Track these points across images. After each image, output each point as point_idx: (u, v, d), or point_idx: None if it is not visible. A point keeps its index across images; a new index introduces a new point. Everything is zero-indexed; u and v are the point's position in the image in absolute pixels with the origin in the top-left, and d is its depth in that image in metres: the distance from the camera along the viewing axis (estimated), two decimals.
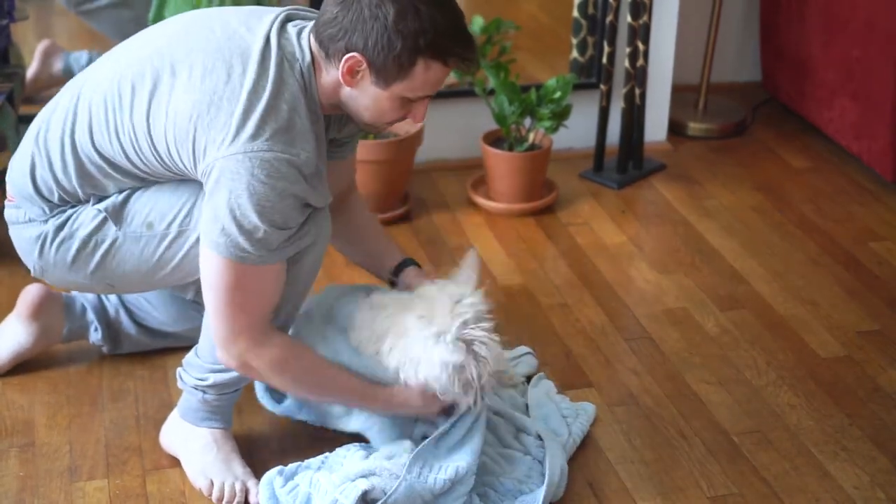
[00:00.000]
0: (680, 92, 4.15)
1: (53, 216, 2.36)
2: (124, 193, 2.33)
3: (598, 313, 3.06)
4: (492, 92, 3.51)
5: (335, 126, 2.42)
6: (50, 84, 3.62)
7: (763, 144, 4.04)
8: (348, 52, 2.15)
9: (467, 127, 3.75)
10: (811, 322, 3.02)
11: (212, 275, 2.19)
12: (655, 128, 3.99)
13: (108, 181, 2.31)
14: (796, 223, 3.53)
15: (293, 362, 2.30)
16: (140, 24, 3.56)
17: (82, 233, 2.34)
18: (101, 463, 2.49)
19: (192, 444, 2.45)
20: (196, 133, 2.15)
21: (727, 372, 2.82)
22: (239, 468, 2.43)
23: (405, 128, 3.48)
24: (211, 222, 2.15)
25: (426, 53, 2.14)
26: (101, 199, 2.34)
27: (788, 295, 3.15)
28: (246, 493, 2.39)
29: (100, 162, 2.29)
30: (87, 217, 2.34)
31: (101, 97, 2.26)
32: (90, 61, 3.60)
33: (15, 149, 3.00)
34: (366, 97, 2.21)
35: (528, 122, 3.53)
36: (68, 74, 3.63)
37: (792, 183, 3.78)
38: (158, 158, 2.24)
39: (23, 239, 2.41)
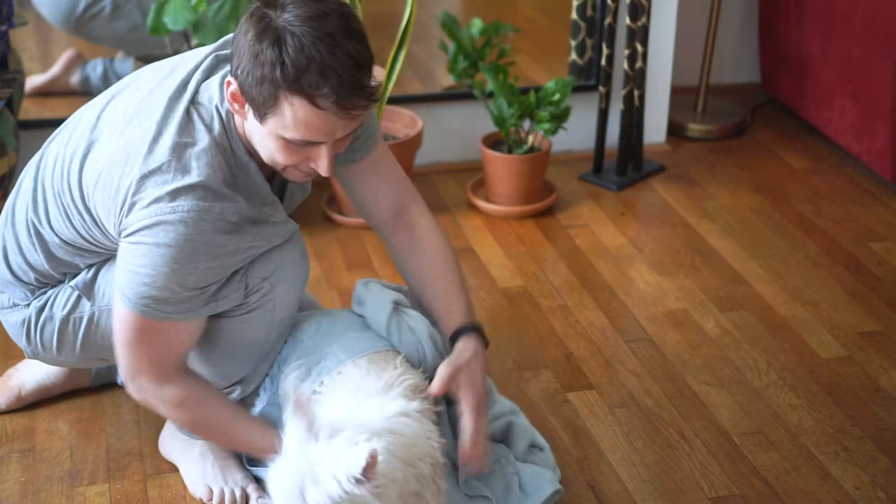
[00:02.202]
0: (679, 93, 4.15)
1: (35, 298, 2.33)
2: (94, 268, 2.28)
3: (599, 315, 3.05)
4: (491, 94, 3.50)
5: None
6: (65, 91, 3.65)
7: (762, 145, 4.04)
8: (229, 76, 2.03)
9: (466, 129, 3.75)
10: (812, 323, 3.02)
11: (118, 320, 2.12)
12: (655, 129, 3.99)
13: (77, 259, 2.27)
14: (796, 224, 3.53)
15: (191, 408, 2.22)
16: (138, 32, 3.57)
17: (60, 314, 2.31)
18: (102, 468, 2.49)
19: (190, 451, 2.44)
20: (110, 203, 2.08)
21: (728, 373, 2.82)
22: (237, 474, 2.42)
23: (404, 130, 3.49)
24: (120, 273, 2.08)
25: (285, 87, 1.93)
26: (75, 276, 2.30)
27: (789, 296, 3.14)
28: (246, 498, 2.39)
29: (61, 243, 2.25)
30: (63, 297, 2.30)
31: (50, 181, 2.22)
32: (105, 70, 3.62)
33: (14, 154, 3.02)
34: (255, 132, 2.05)
35: (527, 124, 3.53)
36: (85, 85, 3.66)
37: (792, 184, 3.78)
38: (103, 232, 2.17)
39: (10, 325, 2.39)
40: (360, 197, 2.39)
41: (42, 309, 2.32)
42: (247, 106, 2.02)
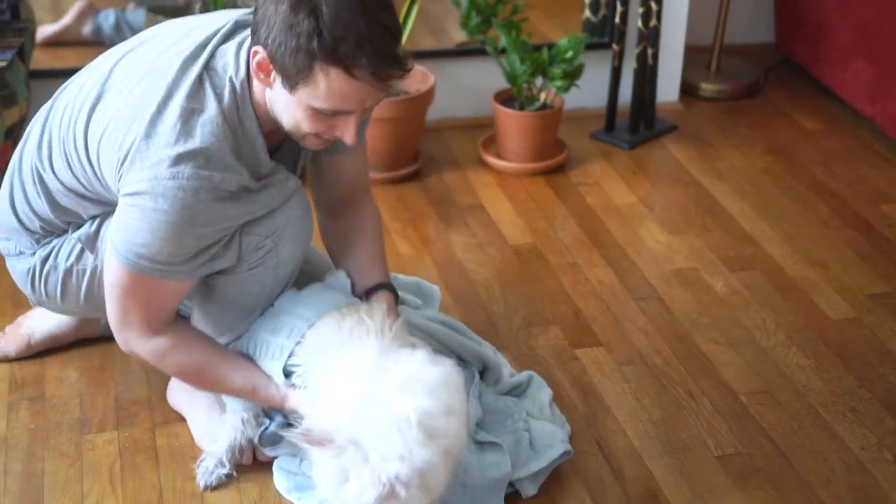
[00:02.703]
0: (693, 53, 4.13)
1: (40, 247, 2.33)
2: (97, 221, 2.28)
3: (608, 273, 3.05)
4: (503, 51, 3.49)
5: None
6: (77, 41, 3.64)
7: (776, 106, 4.02)
8: (255, 46, 2.01)
9: (479, 86, 3.73)
10: (821, 284, 3.02)
11: (110, 274, 2.13)
12: (668, 88, 3.98)
13: (78, 208, 2.26)
14: (808, 185, 3.52)
15: (176, 357, 2.21)
16: None
17: (64, 264, 2.31)
18: (111, 416, 2.50)
19: (198, 403, 2.46)
20: (113, 157, 2.07)
21: (736, 332, 2.82)
22: (249, 426, 2.42)
23: (416, 86, 3.48)
24: (115, 233, 2.08)
25: (321, 58, 1.93)
26: (79, 227, 2.30)
27: (799, 257, 3.14)
28: (253, 449, 2.40)
29: (63, 190, 2.24)
30: (67, 247, 2.31)
31: (57, 129, 2.22)
32: (117, 21, 3.61)
33: (25, 103, 3.01)
34: (280, 101, 2.05)
35: (539, 81, 3.52)
36: (96, 35, 3.65)
37: (804, 145, 3.77)
38: (103, 185, 2.17)
39: (16, 272, 2.39)
40: (324, 177, 2.41)
41: (46, 259, 2.33)
42: (273, 75, 2.01)
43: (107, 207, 2.25)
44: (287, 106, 2.04)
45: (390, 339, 2.16)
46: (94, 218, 2.29)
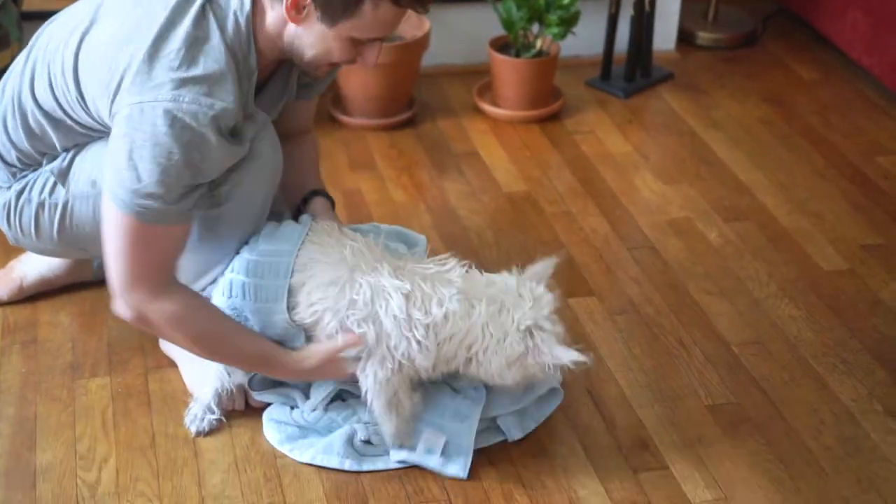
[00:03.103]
0: (690, 1, 4.10)
1: (16, 181, 2.32)
2: (70, 154, 2.27)
3: (602, 222, 3.05)
4: None
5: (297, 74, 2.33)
6: None
7: (772, 55, 4.00)
8: None
9: (474, 32, 3.71)
10: (815, 235, 3.02)
11: (111, 227, 2.09)
12: (664, 37, 3.95)
13: (53, 137, 2.25)
14: (803, 135, 3.51)
15: (190, 321, 2.17)
16: None
17: (37, 198, 2.30)
18: (103, 361, 2.51)
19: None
20: (105, 76, 2.06)
21: (729, 283, 2.82)
22: (236, 372, 2.43)
23: (411, 31, 3.45)
24: (111, 173, 2.06)
25: None
26: (53, 160, 2.29)
27: (793, 207, 3.14)
28: (245, 394, 2.41)
29: (41, 118, 2.22)
30: (41, 181, 2.29)
31: (42, 54, 2.21)
32: None
33: (18, 45, 2.99)
34: (311, 35, 2.09)
35: (535, 28, 3.49)
36: None
37: (800, 95, 3.75)
38: (86, 110, 2.16)
39: None
40: (278, 118, 2.42)
41: (21, 192, 2.32)
42: (308, 12, 2.06)
43: (81, 139, 2.25)
44: (319, 39, 2.09)
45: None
46: (66, 151, 2.28)
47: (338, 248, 2.22)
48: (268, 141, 2.24)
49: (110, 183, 2.06)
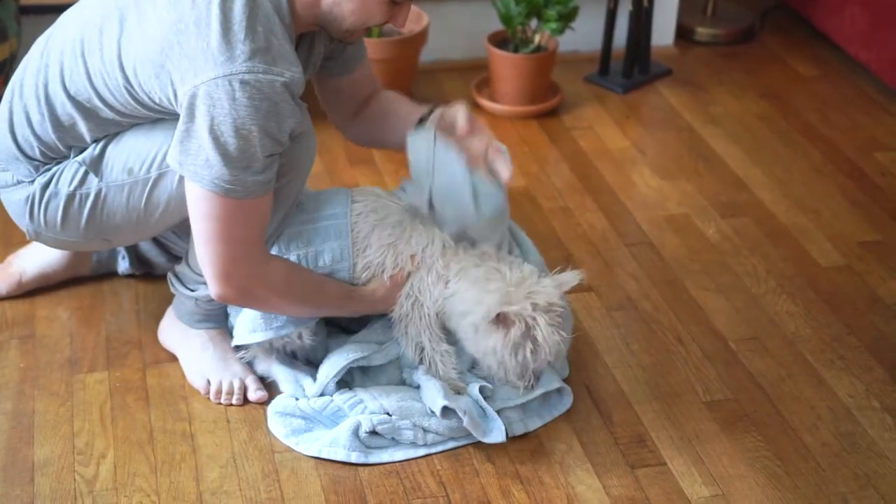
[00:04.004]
0: None
1: (40, 174, 2.30)
2: (101, 144, 2.27)
3: (600, 218, 3.05)
4: None
5: (320, 42, 2.35)
6: None
7: (771, 51, 4.00)
8: None
9: (473, 27, 3.71)
10: (812, 231, 3.02)
11: (200, 208, 2.11)
12: (663, 32, 3.95)
13: (83, 128, 2.24)
14: (801, 132, 3.51)
15: (295, 283, 2.26)
16: None
17: (66, 189, 2.29)
18: (101, 356, 2.51)
19: (189, 343, 2.46)
20: (168, 63, 2.06)
21: (726, 279, 2.83)
22: (237, 365, 2.44)
23: (410, 26, 3.45)
24: (193, 154, 2.07)
25: None
26: (81, 151, 2.28)
27: (791, 203, 3.14)
28: (244, 389, 2.41)
29: (72, 109, 2.22)
30: (69, 172, 2.28)
31: (71, 46, 2.20)
32: None
33: (16, 39, 2.99)
34: (351, 1, 2.15)
35: (534, 23, 3.49)
36: None
37: (798, 91, 3.75)
38: (134, 95, 2.16)
39: (13, 203, 2.36)
40: (344, 95, 2.50)
41: (47, 185, 2.30)
42: None
43: (113, 128, 2.25)
44: (363, 2, 2.14)
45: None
46: (97, 141, 2.27)
47: (382, 202, 2.38)
48: (308, 115, 2.26)
49: (191, 164, 2.07)
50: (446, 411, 2.27)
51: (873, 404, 2.45)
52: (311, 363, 2.44)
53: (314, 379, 2.37)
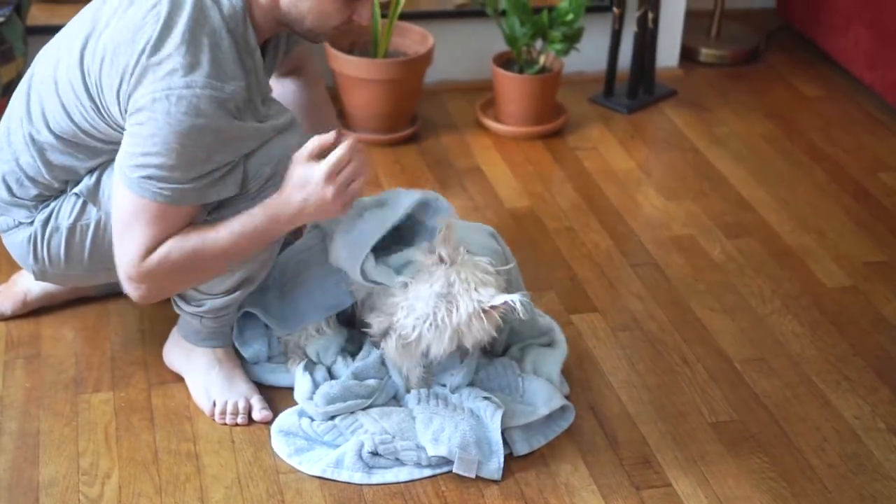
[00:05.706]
0: (693, 17, 4.10)
1: (38, 213, 2.33)
2: (95, 174, 2.29)
3: (604, 238, 3.05)
4: (503, 13, 3.47)
5: (284, 43, 2.39)
6: None
7: (775, 72, 4.01)
8: None
9: (478, 48, 3.72)
10: (817, 251, 3.02)
11: (123, 210, 2.14)
12: (667, 53, 3.96)
13: (73, 161, 2.27)
14: (806, 152, 3.51)
15: (177, 248, 2.17)
16: None
17: (67, 222, 2.31)
18: (106, 376, 2.51)
19: (195, 362, 2.46)
20: (116, 79, 2.10)
21: (732, 299, 2.83)
22: (242, 385, 2.44)
23: (414, 48, 3.46)
24: (127, 156, 2.10)
25: None
26: (77, 184, 2.30)
27: (796, 224, 3.14)
28: (249, 409, 2.41)
29: (59, 146, 2.24)
30: (68, 206, 2.31)
31: (47, 86, 2.23)
32: None
33: (23, 59, 3.00)
34: (311, 1, 2.16)
35: (539, 44, 3.50)
36: None
37: (803, 111, 3.76)
38: (105, 120, 2.18)
39: (16, 245, 2.38)
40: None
41: (47, 221, 2.32)
42: None
43: (104, 156, 2.26)
44: (322, 4, 2.16)
45: None
46: (91, 172, 2.29)
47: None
48: (295, 135, 2.23)
49: (124, 165, 2.10)
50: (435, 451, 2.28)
51: (879, 425, 2.45)
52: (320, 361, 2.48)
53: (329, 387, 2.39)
